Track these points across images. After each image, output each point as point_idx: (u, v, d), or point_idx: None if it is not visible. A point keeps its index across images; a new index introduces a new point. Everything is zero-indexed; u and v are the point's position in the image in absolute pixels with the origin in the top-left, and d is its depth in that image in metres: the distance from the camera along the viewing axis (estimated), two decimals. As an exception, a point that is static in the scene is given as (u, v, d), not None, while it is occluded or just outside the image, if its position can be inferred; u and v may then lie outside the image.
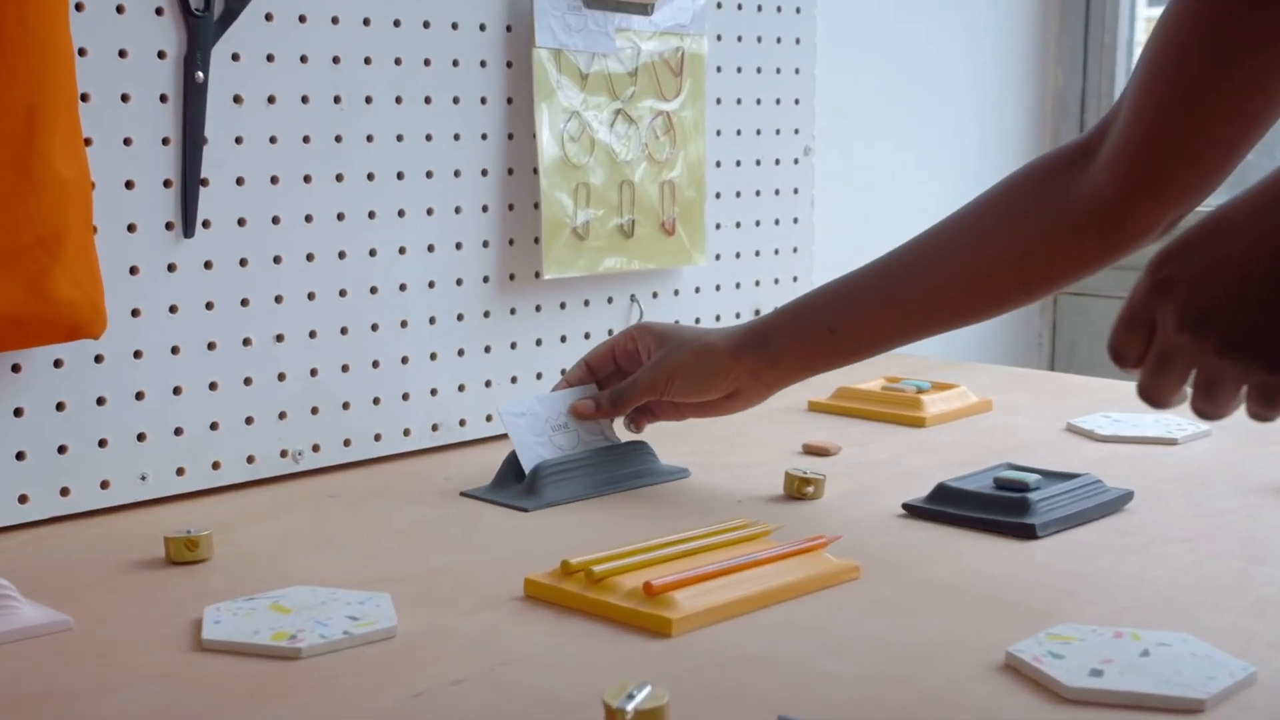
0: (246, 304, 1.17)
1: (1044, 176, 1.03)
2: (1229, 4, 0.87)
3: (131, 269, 1.11)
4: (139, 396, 1.12)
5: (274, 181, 1.18)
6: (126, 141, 1.10)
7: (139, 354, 1.12)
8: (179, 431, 1.15)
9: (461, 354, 1.32)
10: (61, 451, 1.09)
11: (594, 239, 1.39)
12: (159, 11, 1.11)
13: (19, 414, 1.06)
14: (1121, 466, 1.22)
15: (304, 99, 1.19)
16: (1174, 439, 1.31)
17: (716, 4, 1.51)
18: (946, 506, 1.08)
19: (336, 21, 1.21)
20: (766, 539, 0.99)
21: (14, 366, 1.06)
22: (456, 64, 1.29)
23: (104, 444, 1.11)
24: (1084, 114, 2.13)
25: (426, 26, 1.27)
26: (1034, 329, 2.18)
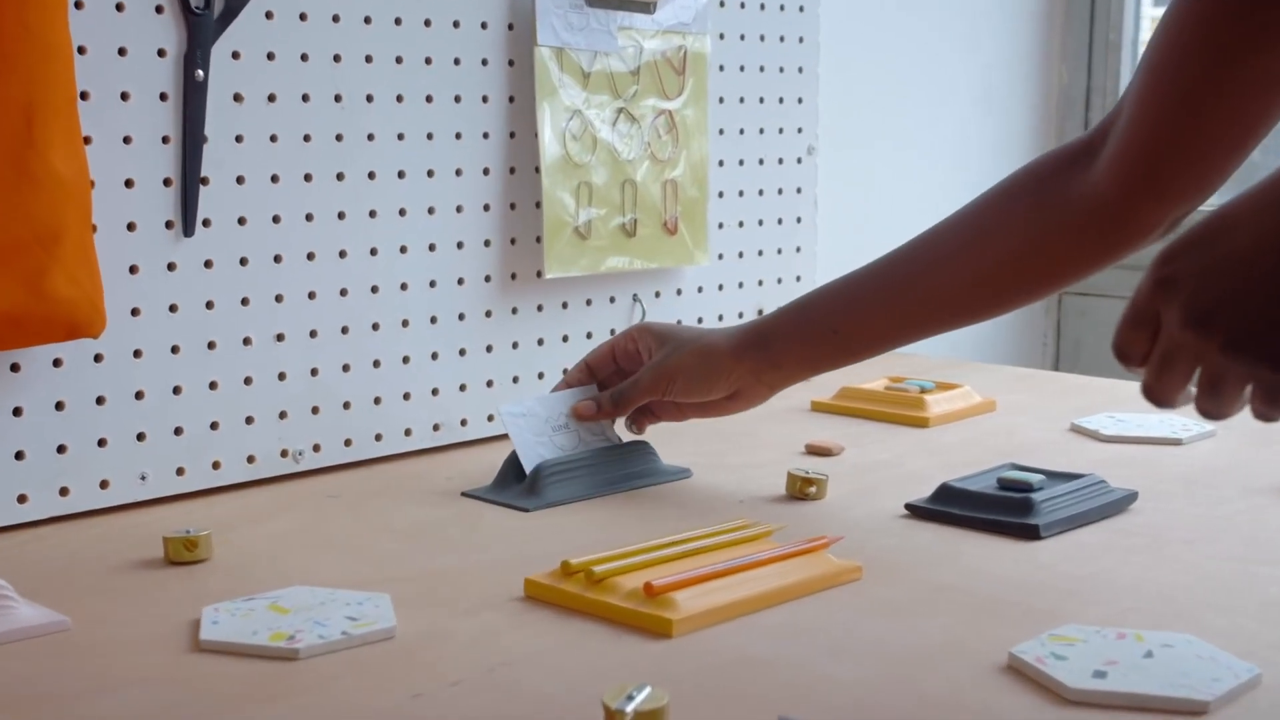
0: (247, 303, 1.17)
1: (1045, 175, 1.03)
2: (1231, 4, 0.87)
3: (131, 268, 1.11)
4: (139, 396, 1.12)
5: (274, 180, 1.18)
6: (126, 140, 1.09)
7: (139, 353, 1.12)
8: (179, 431, 1.14)
9: (463, 354, 1.32)
10: (61, 451, 1.08)
11: (596, 238, 1.38)
12: (159, 9, 1.10)
13: (18, 413, 1.06)
14: (1126, 467, 1.21)
15: (305, 97, 1.19)
16: (1179, 439, 1.30)
17: (719, 2, 1.51)
18: (949, 507, 1.07)
19: (337, 20, 1.20)
20: (768, 539, 0.99)
21: (13, 366, 1.05)
22: (458, 62, 1.29)
23: (103, 444, 1.10)
24: (1089, 113, 2.13)
25: (428, 25, 1.26)
26: (1038, 329, 2.17)
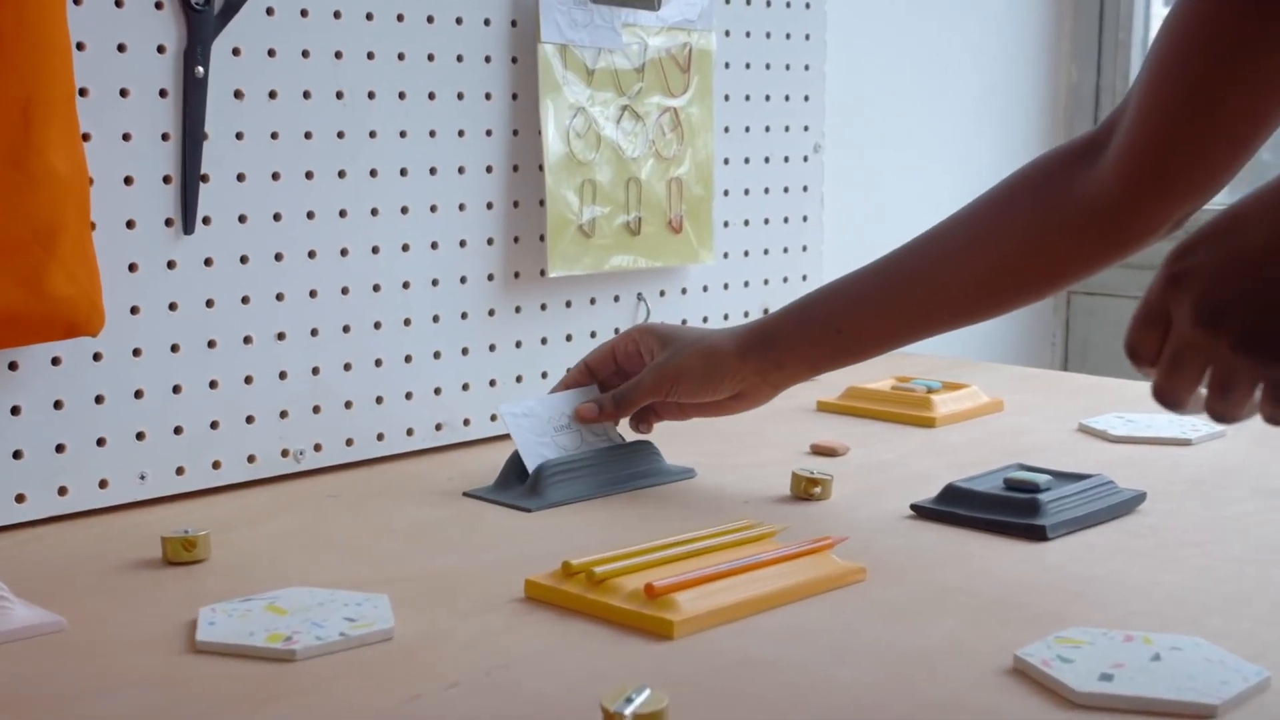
0: (247, 301, 1.16)
1: (1050, 172, 1.02)
2: (1235, 4, 0.87)
3: (130, 266, 1.10)
4: (138, 395, 1.11)
5: (275, 178, 1.17)
6: (125, 137, 1.09)
7: (138, 352, 1.11)
8: (179, 430, 1.13)
9: (465, 353, 1.31)
10: (59, 450, 1.08)
11: (600, 237, 1.37)
12: (159, 5, 1.09)
13: (16, 412, 1.05)
14: (1134, 467, 1.20)
15: (306, 94, 1.18)
16: (1188, 440, 1.29)
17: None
18: (955, 507, 1.06)
19: (339, 16, 1.19)
20: (772, 540, 0.98)
21: (11, 364, 1.05)
22: (461, 59, 1.28)
23: (102, 443, 1.09)
24: (1098, 111, 2.11)
25: (430, 21, 1.25)
26: (1047, 328, 2.16)
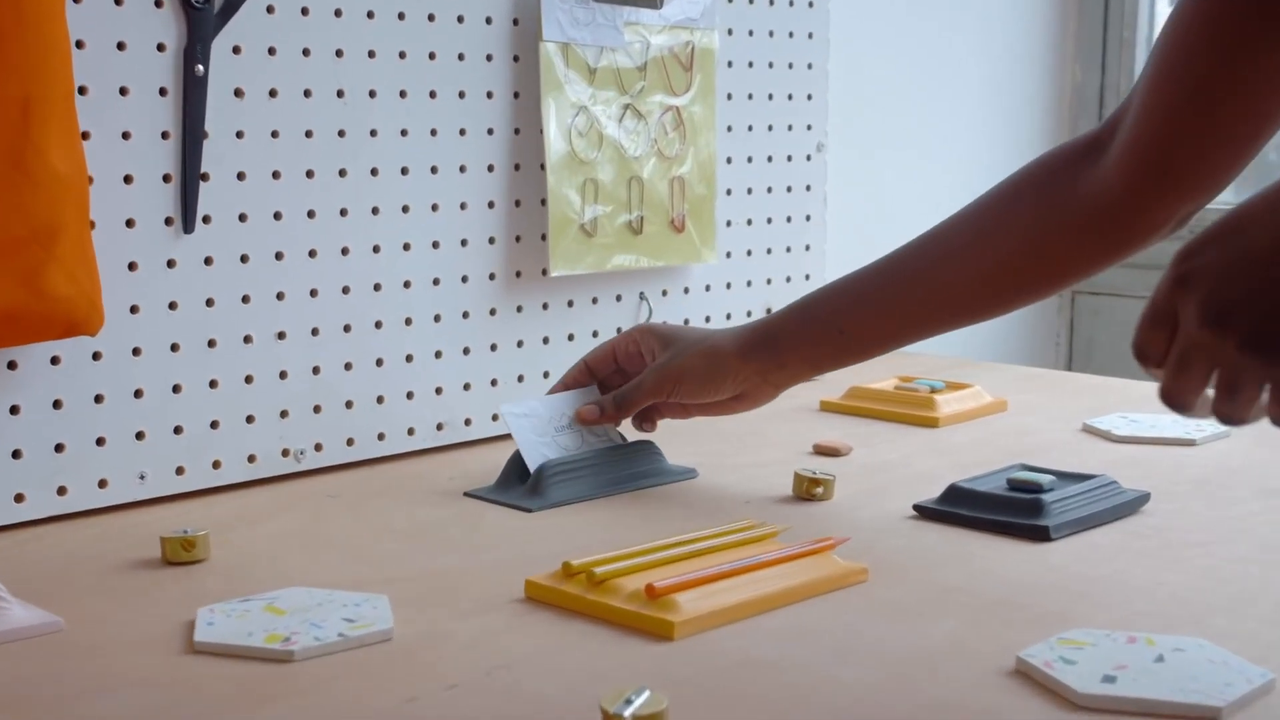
0: (248, 301, 1.16)
1: (1052, 171, 1.02)
2: (1237, 4, 0.87)
3: (130, 265, 1.09)
4: (138, 394, 1.11)
5: (276, 177, 1.17)
6: (125, 135, 1.08)
7: (138, 351, 1.10)
8: (179, 430, 1.13)
9: (467, 352, 1.31)
10: (59, 450, 1.07)
11: (602, 236, 1.37)
12: (158, 3, 1.09)
13: (15, 411, 1.05)
14: (1138, 468, 1.20)
15: (306, 93, 1.18)
16: (1192, 440, 1.29)
17: (728, -2, 1.50)
18: (958, 508, 1.06)
19: (340, 14, 1.19)
20: (774, 540, 0.97)
21: (10, 363, 1.04)
22: (462, 58, 1.27)
23: (102, 442, 1.09)
24: (1102, 110, 2.11)
25: (431, 20, 1.25)
26: (1051, 328, 2.15)
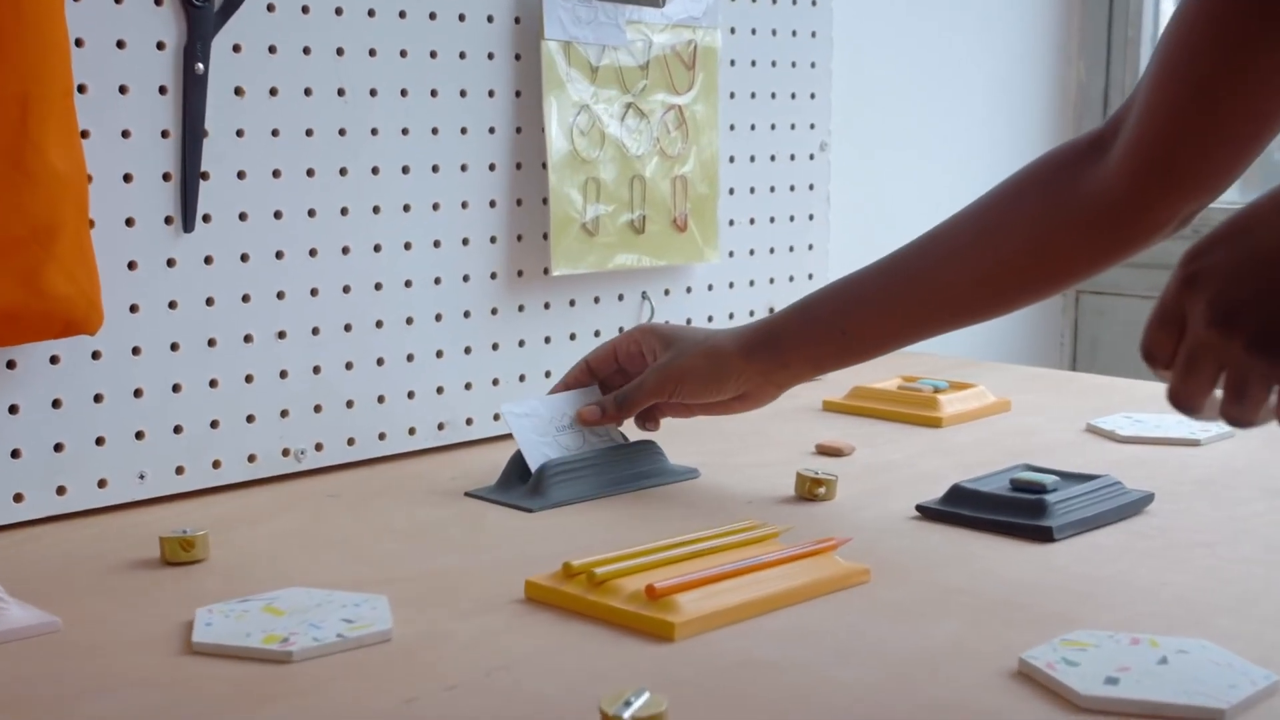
0: (248, 300, 1.15)
1: (1055, 169, 1.01)
2: (1240, 3, 0.86)
3: (130, 264, 1.09)
4: (137, 394, 1.10)
5: (276, 175, 1.16)
6: (125, 134, 1.08)
7: (137, 350, 1.10)
8: (178, 430, 1.13)
9: (468, 351, 1.30)
10: (58, 449, 1.07)
11: (604, 235, 1.36)
12: (158, 2, 1.09)
13: (14, 411, 1.05)
14: (1142, 468, 1.19)
15: (307, 91, 1.17)
16: (1197, 440, 1.28)
17: (730, -4, 1.49)
18: (961, 508, 1.05)
19: (340, 13, 1.19)
20: (775, 541, 0.97)
21: (9, 363, 1.04)
22: (464, 56, 1.27)
23: (101, 442, 1.09)
24: (1106, 109, 2.10)
25: (433, 18, 1.25)
26: (1055, 328, 2.15)
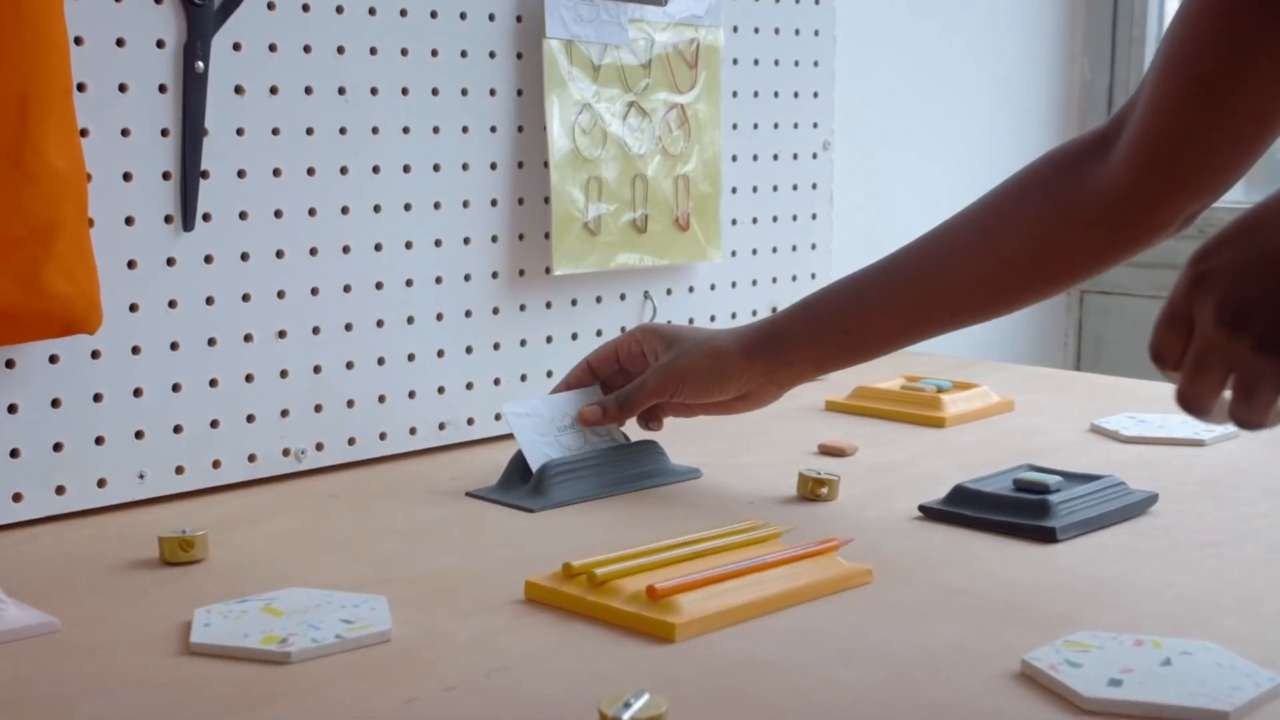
0: (248, 299, 1.15)
1: (1058, 168, 1.01)
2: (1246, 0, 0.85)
3: (129, 263, 1.09)
4: (137, 393, 1.10)
5: (276, 174, 1.16)
6: (124, 132, 1.07)
7: (137, 350, 1.10)
8: (178, 429, 1.12)
9: (470, 351, 1.30)
10: (57, 449, 1.07)
11: (606, 234, 1.36)
12: (158, 0, 1.08)
13: (13, 410, 1.04)
14: (1146, 468, 1.19)
15: (307, 90, 1.17)
16: (1201, 440, 1.28)
17: (733, -5, 1.49)
18: (964, 509, 1.05)
19: (341, 11, 1.18)
20: (777, 541, 0.96)
21: (8, 362, 1.04)
22: (465, 55, 1.27)
23: (101, 441, 1.08)
24: (1111, 107, 2.09)
25: (434, 16, 1.24)
26: (1059, 327, 2.14)
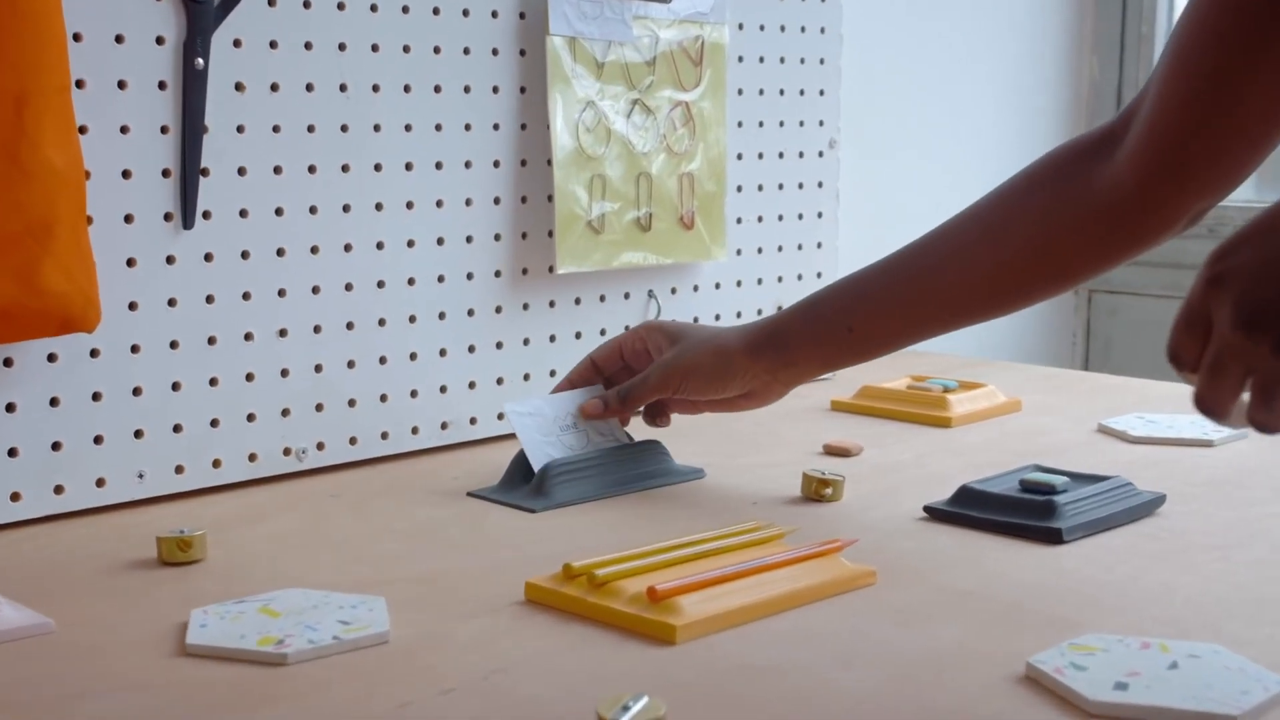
0: (248, 298, 1.14)
1: (1065, 164, 1.00)
2: None
3: (129, 261, 1.08)
4: (136, 392, 1.09)
5: (277, 172, 1.15)
6: (123, 129, 1.07)
7: (136, 348, 1.09)
8: (178, 429, 1.12)
9: (472, 350, 1.29)
10: (56, 448, 1.06)
11: (610, 233, 1.35)
12: (158, -4, 1.08)
13: (11, 409, 1.04)
14: (1154, 469, 1.18)
15: (308, 87, 1.16)
16: (1210, 441, 1.26)
17: (738, -8, 1.48)
18: (969, 509, 1.04)
19: (342, 7, 1.17)
20: (780, 542, 0.95)
21: (6, 360, 1.03)
22: (468, 51, 1.26)
23: (100, 441, 1.08)
24: (1119, 106, 2.07)
25: (436, 13, 1.23)
26: (1067, 327, 2.13)
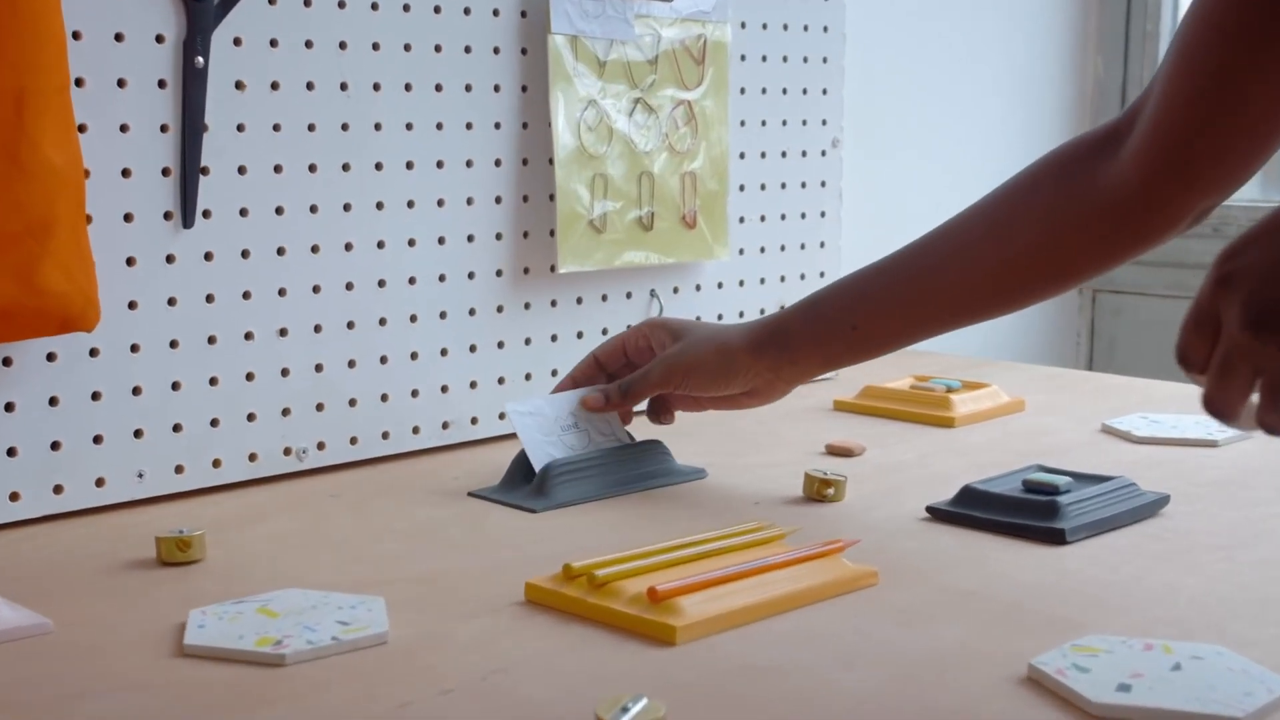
0: (249, 297, 1.14)
1: (1069, 162, 0.99)
2: None
3: (128, 260, 1.08)
4: (136, 392, 1.09)
5: (277, 170, 1.15)
6: (123, 128, 1.06)
7: (136, 348, 1.09)
8: (178, 428, 1.11)
9: (473, 350, 1.29)
10: (55, 448, 1.06)
11: (612, 232, 1.35)
12: (158, -6, 1.08)
13: (10, 409, 1.03)
14: (1158, 469, 1.17)
15: (309, 85, 1.16)
16: (1214, 441, 1.26)
17: (741, -10, 1.47)
18: (972, 510, 1.03)
19: (343, 5, 1.17)
20: (781, 543, 0.95)
21: (5, 360, 1.03)
22: (469, 50, 1.25)
23: (99, 440, 1.07)
24: (1124, 104, 2.08)
25: (437, 11, 1.23)
26: (1071, 327, 2.12)
